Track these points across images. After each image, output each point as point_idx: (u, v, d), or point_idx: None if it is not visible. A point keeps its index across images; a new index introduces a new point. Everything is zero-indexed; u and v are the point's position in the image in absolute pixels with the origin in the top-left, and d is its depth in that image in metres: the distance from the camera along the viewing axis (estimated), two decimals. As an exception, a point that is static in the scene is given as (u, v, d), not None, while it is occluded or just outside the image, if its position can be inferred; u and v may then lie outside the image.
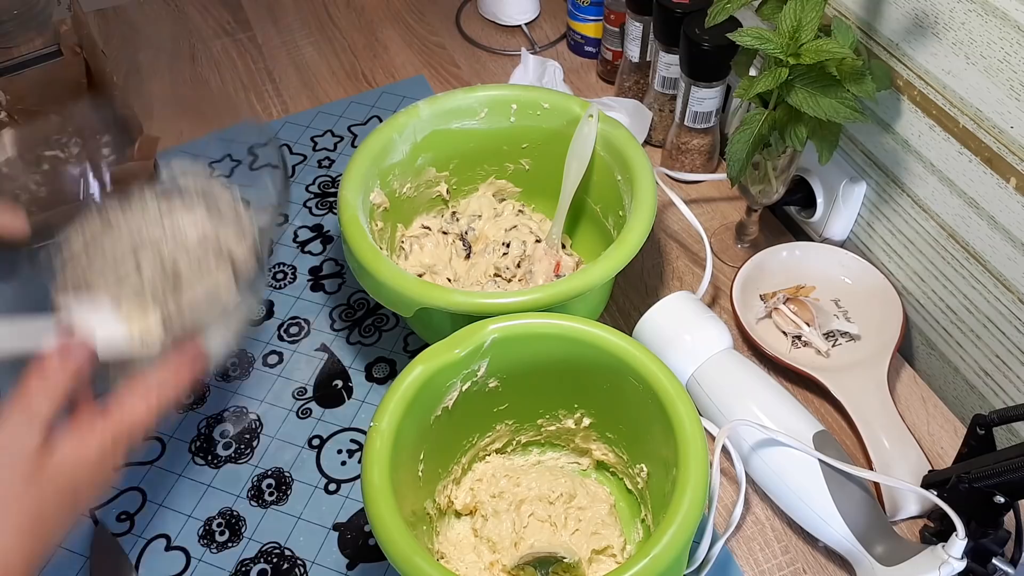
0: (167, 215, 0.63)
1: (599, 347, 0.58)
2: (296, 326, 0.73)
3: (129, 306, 0.56)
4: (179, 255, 0.60)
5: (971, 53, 0.61)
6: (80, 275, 0.59)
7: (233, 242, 0.62)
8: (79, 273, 0.59)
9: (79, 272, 0.59)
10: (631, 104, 0.91)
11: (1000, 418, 0.57)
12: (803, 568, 0.63)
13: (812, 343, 0.74)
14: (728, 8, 0.63)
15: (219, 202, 0.64)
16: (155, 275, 0.59)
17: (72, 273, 0.59)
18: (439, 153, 0.78)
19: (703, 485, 0.52)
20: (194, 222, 0.63)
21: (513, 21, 1.07)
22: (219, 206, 0.64)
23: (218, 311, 0.58)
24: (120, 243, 0.61)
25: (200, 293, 0.58)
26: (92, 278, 0.59)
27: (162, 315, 0.56)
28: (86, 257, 0.60)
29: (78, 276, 0.59)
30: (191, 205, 0.64)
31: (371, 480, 0.52)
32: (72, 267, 0.60)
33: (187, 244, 0.61)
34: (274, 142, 0.60)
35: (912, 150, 0.70)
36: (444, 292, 0.62)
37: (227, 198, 0.64)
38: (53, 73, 0.94)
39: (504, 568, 0.60)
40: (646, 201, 0.67)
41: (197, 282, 0.59)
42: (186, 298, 0.57)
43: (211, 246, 0.62)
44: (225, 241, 0.62)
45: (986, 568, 0.56)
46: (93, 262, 0.60)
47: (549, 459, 0.68)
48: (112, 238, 0.61)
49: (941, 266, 0.71)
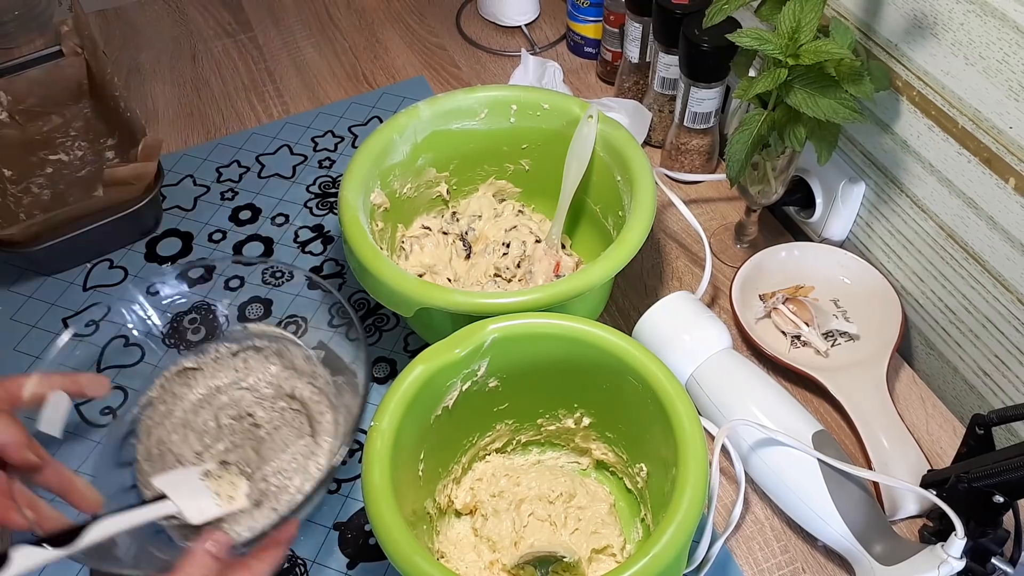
0: (243, 372, 0.69)
1: (599, 347, 0.58)
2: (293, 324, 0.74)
3: (217, 474, 0.61)
4: (256, 410, 0.67)
5: (970, 54, 0.61)
6: (164, 440, 0.65)
7: (307, 394, 0.68)
8: (163, 438, 0.65)
9: (163, 437, 0.65)
10: (631, 105, 0.91)
11: (999, 418, 0.57)
12: (802, 567, 0.63)
13: (811, 343, 0.74)
14: (726, 9, 0.64)
15: (293, 358, 0.69)
16: (237, 437, 0.65)
17: (155, 438, 0.65)
18: (439, 154, 0.78)
19: (702, 485, 0.52)
20: (269, 378, 0.69)
21: (513, 22, 1.07)
22: (293, 362, 0.69)
23: (301, 472, 0.64)
24: (200, 406, 0.68)
25: (284, 459, 0.64)
26: (175, 445, 0.65)
27: (248, 483, 0.62)
28: (168, 424, 0.66)
29: (162, 441, 0.65)
30: (266, 360, 0.70)
31: (371, 479, 0.52)
32: (155, 433, 0.66)
33: (264, 399, 0.68)
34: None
35: (911, 150, 0.70)
36: (444, 292, 0.62)
37: (300, 354, 0.69)
38: (54, 74, 0.94)
39: (504, 567, 0.60)
40: (646, 201, 0.67)
41: (279, 445, 0.65)
42: (271, 466, 0.63)
43: (286, 400, 0.68)
44: (300, 394, 0.68)
45: (985, 567, 0.56)
46: (175, 430, 0.66)
47: (549, 459, 0.68)
48: (190, 400, 0.68)
49: (940, 266, 0.71)
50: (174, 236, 0.86)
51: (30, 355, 0.77)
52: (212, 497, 0.59)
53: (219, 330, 0.72)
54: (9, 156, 0.91)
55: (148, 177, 0.81)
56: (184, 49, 1.07)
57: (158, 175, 0.82)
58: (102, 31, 1.10)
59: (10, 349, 0.77)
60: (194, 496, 0.58)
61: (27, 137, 0.93)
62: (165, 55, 1.07)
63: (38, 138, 0.93)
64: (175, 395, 0.68)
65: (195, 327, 0.72)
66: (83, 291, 0.82)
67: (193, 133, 0.97)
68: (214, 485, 0.60)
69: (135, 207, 0.81)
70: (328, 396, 0.68)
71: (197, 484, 0.59)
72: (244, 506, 0.60)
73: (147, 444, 0.65)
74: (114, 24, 1.11)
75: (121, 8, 1.13)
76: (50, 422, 0.59)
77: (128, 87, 1.02)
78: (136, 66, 1.05)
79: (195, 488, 0.59)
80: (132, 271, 0.83)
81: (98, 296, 0.81)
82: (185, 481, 0.59)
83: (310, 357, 0.70)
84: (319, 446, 0.65)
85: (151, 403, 0.67)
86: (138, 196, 0.81)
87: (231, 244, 0.85)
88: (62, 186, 0.89)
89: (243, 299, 0.73)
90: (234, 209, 0.88)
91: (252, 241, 0.85)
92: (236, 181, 0.91)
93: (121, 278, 0.83)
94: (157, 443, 0.65)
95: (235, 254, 0.84)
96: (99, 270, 0.83)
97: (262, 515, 0.61)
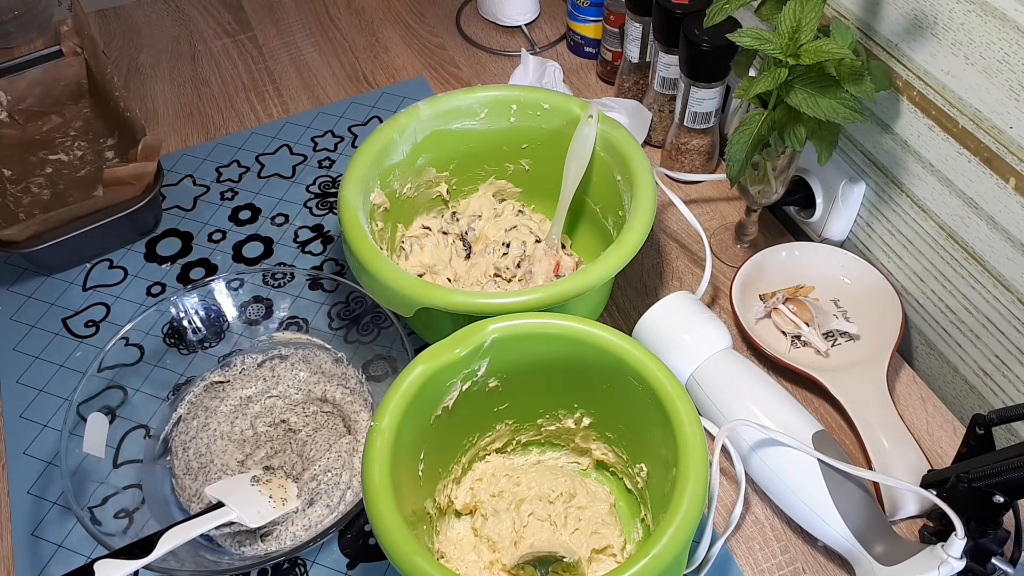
0: (271, 381, 0.72)
1: (599, 347, 0.58)
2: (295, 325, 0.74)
3: (266, 479, 0.63)
4: (289, 416, 0.69)
5: (970, 54, 0.61)
6: (203, 452, 0.67)
7: (339, 396, 0.71)
8: (201, 450, 0.67)
9: (200, 449, 0.68)
10: (631, 104, 0.91)
11: (999, 418, 0.57)
12: (802, 568, 0.63)
13: (811, 343, 0.74)
14: (726, 9, 0.64)
15: (321, 363, 0.72)
16: (277, 443, 0.68)
17: (193, 452, 0.67)
18: (439, 153, 0.78)
19: (703, 485, 0.52)
20: (298, 384, 0.71)
21: (513, 22, 1.07)
22: (321, 366, 0.72)
23: (348, 468, 0.66)
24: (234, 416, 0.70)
25: (330, 458, 0.66)
26: (217, 456, 0.67)
27: (297, 484, 0.64)
28: (204, 436, 0.68)
29: (201, 453, 0.67)
30: (293, 368, 0.72)
31: (371, 479, 0.52)
32: (192, 447, 0.68)
33: (295, 405, 0.70)
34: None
35: (911, 150, 0.70)
36: (444, 292, 0.62)
37: (328, 358, 0.72)
38: (54, 74, 0.94)
39: (504, 567, 0.60)
40: (646, 201, 0.67)
41: (322, 445, 0.67)
42: (318, 466, 0.65)
43: (318, 404, 0.70)
44: (331, 396, 0.70)
45: (985, 567, 0.56)
46: (213, 442, 0.68)
47: (549, 459, 0.68)
48: (223, 412, 0.70)
49: (940, 266, 0.71)
50: (174, 236, 0.86)
51: (30, 355, 0.77)
52: (266, 500, 0.61)
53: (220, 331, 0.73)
54: (9, 156, 0.91)
55: (148, 177, 0.81)
56: (184, 49, 1.07)
57: (158, 175, 0.82)
58: (102, 31, 1.10)
59: (10, 349, 0.77)
60: (249, 501, 0.60)
61: (27, 137, 0.93)
62: (165, 55, 1.07)
63: (38, 138, 0.93)
64: (207, 408, 0.70)
65: (194, 327, 0.72)
66: (83, 291, 0.82)
67: (193, 133, 0.97)
68: (265, 489, 0.62)
69: (135, 207, 0.81)
70: (361, 395, 0.69)
71: (249, 490, 0.61)
72: (298, 506, 0.63)
73: (184, 459, 0.67)
74: (114, 24, 1.11)
75: (121, 8, 1.13)
76: (94, 445, 0.62)
77: (128, 87, 1.02)
78: (136, 66, 1.05)
79: (248, 494, 0.61)
80: (132, 271, 0.83)
81: (99, 296, 0.81)
82: (237, 488, 0.61)
83: (340, 360, 0.71)
84: (359, 442, 0.67)
85: (181, 420, 0.68)
86: (138, 196, 0.81)
87: (231, 244, 0.85)
88: (62, 186, 0.89)
89: (244, 299, 0.73)
90: (234, 209, 0.88)
91: (252, 241, 0.85)
92: (236, 181, 0.91)
93: (121, 278, 0.83)
94: (196, 456, 0.67)
95: (235, 254, 0.84)
96: (99, 270, 0.83)
97: (316, 513, 0.63)
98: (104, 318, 0.80)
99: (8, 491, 0.68)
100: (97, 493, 0.61)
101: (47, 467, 0.69)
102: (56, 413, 0.73)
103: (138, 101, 1.00)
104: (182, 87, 1.02)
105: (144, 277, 0.83)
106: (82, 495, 0.60)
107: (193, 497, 0.65)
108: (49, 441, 0.71)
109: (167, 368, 0.70)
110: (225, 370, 0.71)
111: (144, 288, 0.82)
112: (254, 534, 0.62)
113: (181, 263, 0.84)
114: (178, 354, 0.71)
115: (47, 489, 0.68)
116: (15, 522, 0.67)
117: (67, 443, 0.61)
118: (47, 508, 0.67)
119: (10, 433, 0.72)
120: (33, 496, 0.68)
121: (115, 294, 0.81)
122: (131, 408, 0.67)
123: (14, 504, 0.68)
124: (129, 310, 0.80)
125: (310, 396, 0.70)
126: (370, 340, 0.70)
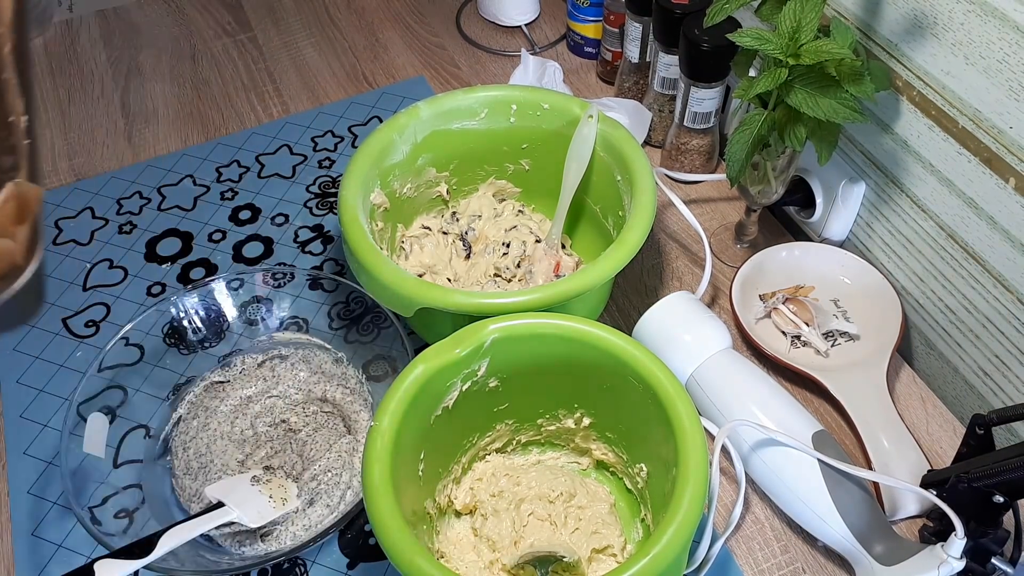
0: (271, 381, 0.72)
1: (599, 347, 0.58)
2: (295, 325, 0.74)
3: (266, 479, 0.63)
4: (289, 416, 0.69)
5: (970, 54, 0.61)
6: (203, 452, 0.67)
7: (339, 396, 0.70)
8: (201, 450, 0.67)
9: (200, 449, 0.67)
10: (631, 105, 0.91)
11: (999, 418, 0.57)
12: (802, 568, 0.63)
13: (811, 343, 0.74)
14: (727, 9, 0.64)
15: (321, 363, 0.72)
16: (277, 443, 0.68)
17: (193, 451, 0.67)
18: (439, 153, 0.78)
19: (703, 485, 0.52)
20: (298, 384, 0.71)
21: (513, 22, 1.07)
22: (321, 366, 0.72)
23: (348, 468, 0.66)
24: (234, 416, 0.70)
25: (330, 458, 0.66)
26: (217, 456, 0.67)
27: (297, 484, 0.64)
28: (204, 436, 0.68)
29: (200, 453, 0.67)
30: (293, 368, 0.72)
31: (371, 479, 0.52)
32: (192, 447, 0.68)
33: (295, 405, 0.70)
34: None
35: (911, 150, 0.70)
36: (444, 292, 0.62)
37: (328, 358, 0.72)
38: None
39: (504, 567, 0.60)
40: (646, 201, 0.67)
41: (322, 445, 0.67)
42: (318, 466, 0.65)
43: (318, 404, 0.70)
44: (331, 396, 0.70)
45: (985, 568, 0.56)
46: (213, 442, 0.68)
47: (549, 458, 0.68)
48: (223, 412, 0.70)
49: (940, 266, 0.71)
50: (174, 236, 0.86)
51: (30, 355, 0.77)
52: (266, 500, 0.61)
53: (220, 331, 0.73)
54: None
55: (13, 256, 0.40)
56: (184, 49, 1.07)
57: (34, 244, 0.41)
58: (102, 31, 1.10)
59: (10, 349, 0.77)
60: (249, 501, 0.60)
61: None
62: (165, 55, 1.07)
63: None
64: (207, 408, 0.70)
65: (194, 327, 0.72)
66: (83, 291, 0.82)
67: (193, 133, 0.97)
68: (265, 489, 0.62)
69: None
70: (361, 395, 0.69)
71: (249, 489, 0.61)
72: (298, 506, 0.63)
73: (184, 459, 0.67)
74: (114, 24, 1.11)
75: (121, 8, 1.13)
76: (94, 445, 0.62)
77: (128, 87, 1.02)
78: (136, 66, 1.05)
79: (248, 493, 0.61)
80: (132, 271, 0.83)
81: (99, 296, 0.81)
82: (237, 488, 0.61)
83: (340, 360, 0.71)
84: (359, 442, 0.67)
85: (181, 419, 0.68)
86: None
87: (231, 244, 0.85)
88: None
89: (244, 299, 0.73)
90: (234, 209, 0.88)
91: (252, 241, 0.85)
92: (236, 181, 0.91)
93: (121, 278, 0.83)
94: (196, 456, 0.67)
95: (235, 254, 0.84)
96: (99, 270, 0.83)
97: (316, 513, 0.63)
98: (104, 318, 0.80)
99: (8, 491, 0.68)
100: (97, 493, 0.61)
101: (47, 467, 0.69)
102: (56, 413, 0.73)
103: (138, 101, 1.01)
104: (182, 87, 1.02)
105: (144, 277, 0.83)
106: (82, 495, 0.60)
107: (193, 497, 0.64)
108: (49, 441, 0.71)
109: (167, 368, 0.70)
110: (225, 370, 0.71)
111: (144, 288, 0.82)
112: (254, 534, 0.62)
113: (181, 263, 0.84)
114: (178, 354, 0.71)
115: (47, 489, 0.68)
116: (15, 522, 0.67)
117: (67, 443, 0.61)
118: (47, 508, 0.67)
119: (10, 433, 0.72)
120: (33, 496, 0.68)
121: (115, 294, 0.81)
122: (131, 408, 0.67)
123: (14, 504, 0.68)
124: (129, 310, 0.80)
125: (310, 396, 0.70)
126: (370, 340, 0.70)
